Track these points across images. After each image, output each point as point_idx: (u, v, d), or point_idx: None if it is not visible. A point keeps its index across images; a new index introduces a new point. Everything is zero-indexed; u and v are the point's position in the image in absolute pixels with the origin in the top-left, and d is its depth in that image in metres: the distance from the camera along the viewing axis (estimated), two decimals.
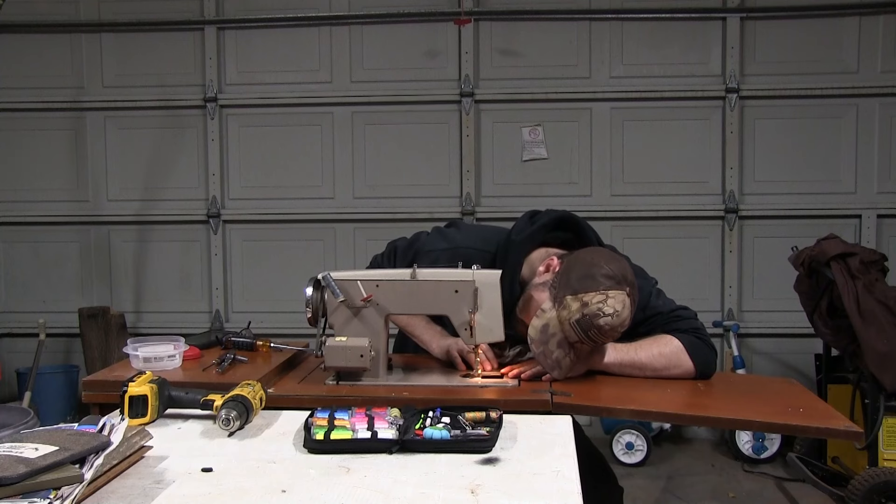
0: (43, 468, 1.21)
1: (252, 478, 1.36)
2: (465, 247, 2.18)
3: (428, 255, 2.18)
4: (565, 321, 1.93)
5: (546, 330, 1.96)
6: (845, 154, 4.62)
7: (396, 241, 2.33)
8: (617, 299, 1.91)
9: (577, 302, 1.92)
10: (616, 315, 1.91)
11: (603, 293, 1.91)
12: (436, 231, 2.32)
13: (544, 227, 2.16)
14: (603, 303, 1.91)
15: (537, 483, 1.33)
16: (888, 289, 3.44)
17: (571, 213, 2.21)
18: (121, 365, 2.08)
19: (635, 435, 4.24)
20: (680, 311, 2.15)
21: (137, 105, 4.88)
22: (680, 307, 2.17)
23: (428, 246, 2.23)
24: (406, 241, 2.31)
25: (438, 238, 2.26)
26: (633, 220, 4.68)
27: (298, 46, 4.81)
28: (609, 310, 1.90)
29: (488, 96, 4.71)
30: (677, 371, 2.04)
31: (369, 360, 1.90)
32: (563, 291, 1.95)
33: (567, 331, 1.94)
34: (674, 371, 2.04)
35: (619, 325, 1.92)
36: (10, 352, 5.02)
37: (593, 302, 1.91)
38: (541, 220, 2.17)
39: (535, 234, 2.15)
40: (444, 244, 2.21)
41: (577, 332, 1.92)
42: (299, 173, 4.84)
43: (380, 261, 2.31)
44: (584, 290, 1.92)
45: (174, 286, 4.96)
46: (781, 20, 4.61)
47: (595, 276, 1.93)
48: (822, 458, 3.80)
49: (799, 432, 2.85)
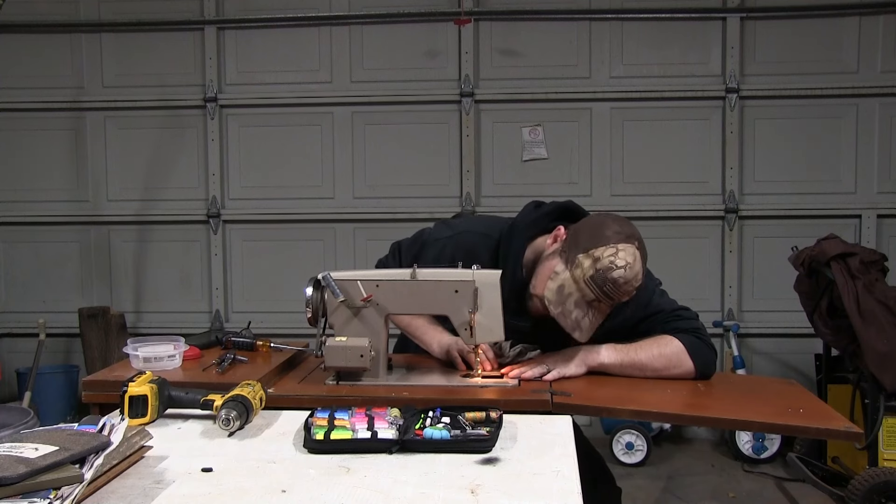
0: (43, 468, 1.21)
1: (252, 478, 1.36)
2: (469, 231, 2.21)
3: (435, 244, 2.20)
4: (580, 279, 1.95)
5: (562, 291, 1.97)
6: (845, 154, 4.62)
7: (399, 241, 2.32)
8: (627, 252, 1.95)
9: (589, 259, 1.95)
10: (629, 267, 1.93)
11: (613, 247, 1.95)
12: (440, 222, 2.34)
13: (548, 215, 2.18)
14: (614, 255, 1.93)
15: (537, 483, 1.33)
16: (888, 289, 3.44)
17: (575, 202, 2.24)
18: (121, 365, 2.08)
19: (635, 435, 4.24)
20: (681, 311, 2.16)
21: (137, 105, 4.88)
22: (681, 307, 2.17)
23: (434, 235, 2.24)
24: (409, 238, 2.31)
25: (443, 227, 2.28)
26: (633, 220, 4.63)
27: (298, 46, 4.81)
28: (621, 262, 1.93)
29: (488, 96, 4.71)
30: (678, 371, 2.05)
31: (369, 360, 1.90)
32: (574, 251, 1.98)
33: (583, 289, 1.95)
34: (674, 371, 2.05)
35: (632, 277, 1.94)
36: (10, 352, 5.02)
37: (605, 256, 1.94)
38: (546, 208, 2.20)
39: (539, 219, 2.16)
40: (449, 231, 2.23)
41: (592, 288, 1.94)
42: (299, 173, 4.84)
43: (385, 261, 2.30)
44: (595, 246, 1.95)
45: (174, 286, 4.96)
46: (781, 20, 4.61)
47: (603, 233, 1.98)
48: (822, 458, 3.80)
49: (799, 433, 2.85)
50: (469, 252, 2.11)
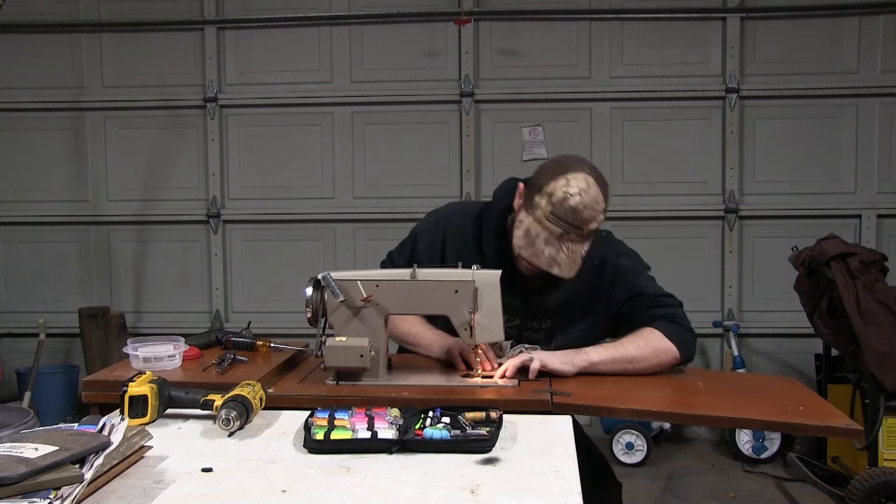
0: (43, 468, 1.21)
1: (252, 478, 1.36)
2: (453, 213, 2.28)
3: (424, 233, 2.26)
4: (542, 218, 2.00)
5: (529, 234, 2.01)
6: (845, 154, 4.62)
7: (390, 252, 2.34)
8: (578, 178, 1.99)
9: (544, 197, 1.99)
10: (584, 192, 1.97)
11: (563, 178, 1.99)
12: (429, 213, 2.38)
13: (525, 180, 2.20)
14: (566, 185, 1.97)
15: (537, 483, 1.33)
16: (888, 289, 3.44)
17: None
18: (121, 365, 2.08)
19: (635, 435, 4.24)
20: (663, 298, 2.15)
21: (137, 105, 4.88)
22: (665, 294, 2.17)
23: (422, 227, 2.30)
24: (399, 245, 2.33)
25: (429, 216, 2.34)
26: (633, 220, 4.68)
27: (298, 46, 4.81)
28: (574, 189, 1.97)
29: (488, 96, 4.71)
30: (665, 358, 2.05)
31: (369, 360, 1.90)
32: (531, 195, 2.03)
33: (547, 226, 1.99)
34: (662, 358, 2.05)
35: (591, 202, 1.97)
36: (10, 352, 5.02)
37: (557, 188, 1.98)
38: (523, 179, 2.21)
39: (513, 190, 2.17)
40: (434, 217, 2.30)
41: (556, 222, 1.98)
42: (299, 173, 4.84)
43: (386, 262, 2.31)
44: (546, 182, 2.00)
45: (174, 286, 4.96)
46: (781, 20, 4.61)
47: (552, 168, 2.03)
48: (822, 458, 3.80)
49: (799, 431, 2.86)
50: (454, 232, 2.20)
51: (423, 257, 2.19)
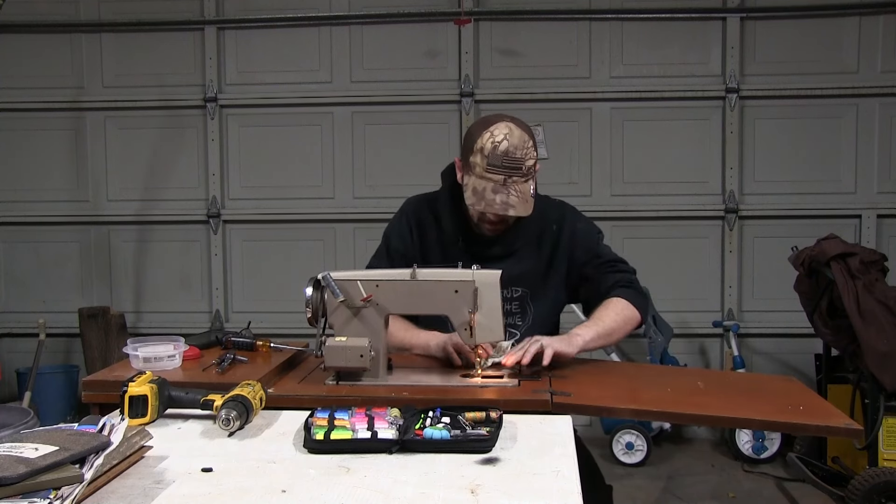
0: (43, 468, 1.21)
1: (252, 478, 1.36)
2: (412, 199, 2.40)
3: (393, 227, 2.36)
4: (481, 174, 2.08)
5: (476, 191, 2.09)
6: (845, 154, 4.62)
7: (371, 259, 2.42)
8: (499, 127, 2.08)
9: (476, 154, 2.09)
10: (509, 135, 2.06)
11: (486, 132, 2.08)
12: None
13: None
14: (490, 136, 2.07)
15: (537, 483, 1.33)
16: (888, 289, 3.44)
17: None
18: (121, 365, 2.08)
19: (635, 435, 4.24)
20: (619, 263, 2.32)
21: (137, 105, 4.88)
22: (620, 259, 2.35)
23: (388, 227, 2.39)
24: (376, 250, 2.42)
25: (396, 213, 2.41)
26: (633, 220, 4.68)
27: (298, 46, 4.81)
28: (500, 136, 2.06)
29: (488, 96, 4.71)
30: (632, 324, 2.21)
31: (369, 360, 1.90)
32: (466, 159, 2.14)
33: (489, 177, 2.07)
34: (630, 325, 2.21)
35: (520, 143, 2.06)
36: (10, 352, 5.02)
37: (485, 141, 2.07)
38: None
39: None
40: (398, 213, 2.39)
41: (494, 170, 2.06)
42: (299, 173, 4.84)
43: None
44: (474, 142, 2.10)
45: (174, 286, 4.96)
46: (781, 20, 4.61)
47: (475, 129, 2.13)
48: (822, 458, 3.80)
49: (799, 430, 2.86)
50: (415, 217, 2.32)
51: (396, 253, 2.30)
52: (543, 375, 2.00)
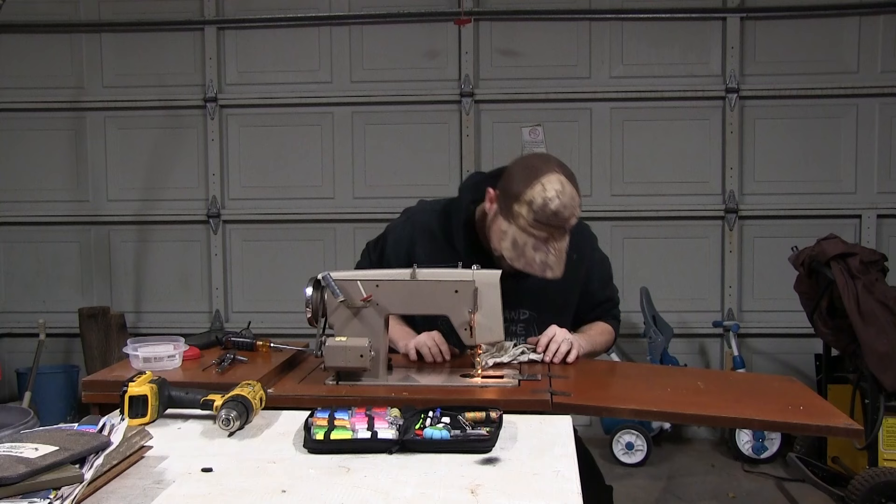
0: (43, 468, 1.21)
1: (252, 478, 1.36)
2: (421, 210, 2.35)
3: (394, 230, 2.34)
4: (525, 227, 2.04)
5: (516, 244, 2.06)
6: (845, 154, 4.62)
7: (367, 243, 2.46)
8: (552, 180, 2.03)
9: (524, 206, 2.02)
10: (561, 194, 2.02)
11: (538, 183, 2.02)
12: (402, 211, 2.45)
13: (487, 178, 2.25)
14: (542, 190, 2.01)
15: (537, 483, 1.33)
16: (888, 289, 3.44)
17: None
18: (121, 365, 2.08)
19: (635, 435, 4.23)
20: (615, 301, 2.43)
21: (137, 105, 4.88)
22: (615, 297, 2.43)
23: (392, 225, 2.38)
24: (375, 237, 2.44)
25: (402, 214, 2.41)
26: (633, 220, 4.68)
27: (298, 46, 4.81)
28: (552, 193, 2.01)
29: (488, 96, 4.71)
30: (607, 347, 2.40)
31: (369, 360, 1.90)
32: (508, 204, 2.06)
33: (532, 233, 2.04)
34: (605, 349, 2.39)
35: (569, 201, 2.03)
36: (10, 352, 5.02)
37: (535, 195, 2.01)
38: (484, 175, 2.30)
39: (479, 183, 2.23)
40: (405, 216, 2.37)
41: (540, 228, 2.03)
42: (299, 173, 4.84)
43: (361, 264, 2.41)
44: (523, 191, 2.03)
45: (174, 286, 4.96)
46: (781, 20, 4.61)
47: (525, 174, 2.05)
48: (822, 458, 3.80)
49: (799, 430, 2.86)
50: (423, 230, 2.26)
51: (392, 254, 2.30)
52: (543, 376, 2.00)
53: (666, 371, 2.99)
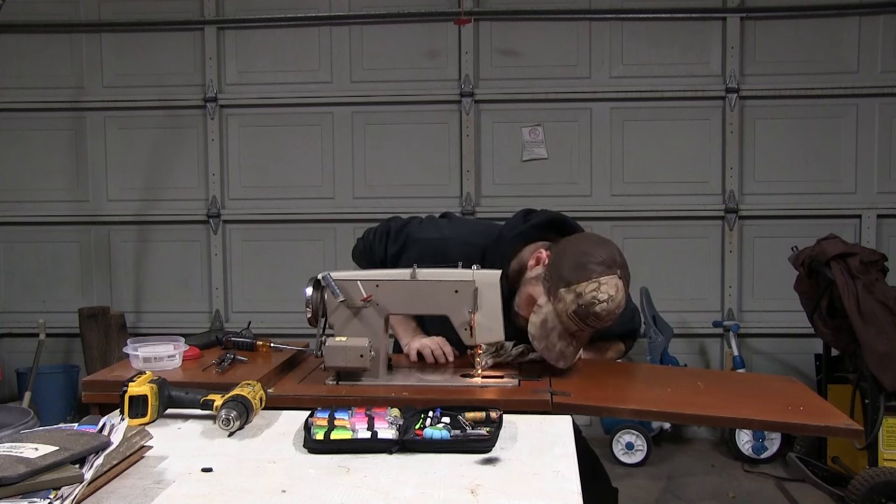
0: (43, 468, 1.21)
1: (252, 478, 1.36)
2: (454, 238, 2.21)
3: (416, 243, 2.22)
4: (563, 313, 1.97)
5: (545, 325, 1.99)
6: (845, 154, 4.62)
7: (390, 222, 2.33)
8: (609, 284, 1.95)
9: (572, 294, 1.95)
10: (611, 300, 1.95)
11: (595, 281, 1.94)
12: (429, 220, 2.35)
13: (537, 227, 2.17)
14: (597, 290, 1.94)
15: (537, 483, 1.33)
16: (888, 289, 3.44)
17: (565, 215, 2.22)
18: (121, 365, 2.08)
19: (635, 435, 4.23)
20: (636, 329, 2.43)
21: (137, 105, 4.88)
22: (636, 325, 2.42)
23: (418, 234, 2.26)
24: (400, 222, 2.32)
25: (430, 227, 2.29)
26: (633, 220, 4.68)
27: (298, 46, 4.81)
28: (603, 296, 1.94)
29: (488, 96, 4.71)
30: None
31: (369, 360, 1.90)
32: (557, 285, 1.98)
33: (566, 322, 1.98)
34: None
35: (615, 308, 1.96)
36: (10, 352, 5.02)
37: (587, 291, 1.94)
38: (534, 219, 2.19)
39: (527, 231, 2.16)
40: (435, 234, 2.25)
41: (575, 322, 1.97)
42: (299, 173, 4.84)
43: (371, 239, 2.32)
44: (577, 281, 1.95)
45: (174, 286, 4.96)
46: (781, 20, 4.61)
47: (585, 264, 1.96)
48: (822, 458, 3.80)
49: (799, 430, 2.86)
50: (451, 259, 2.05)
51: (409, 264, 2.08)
52: (543, 376, 2.00)
53: (666, 371, 3.00)
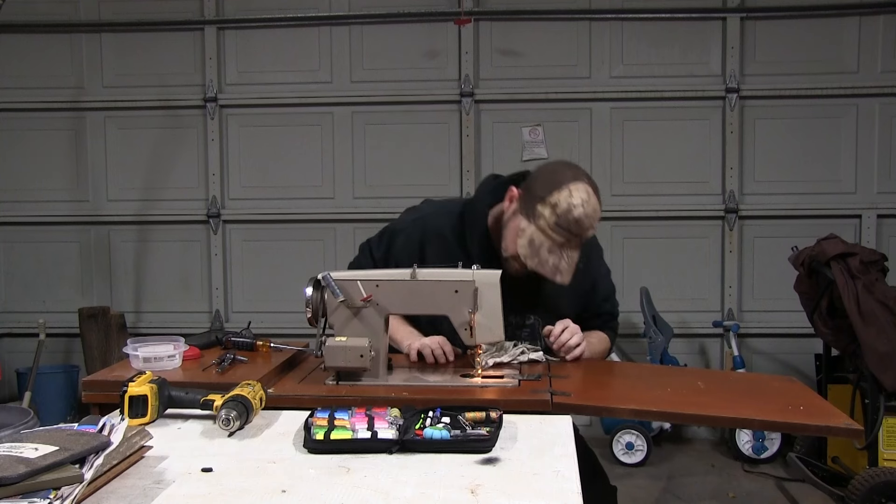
0: (43, 468, 1.21)
1: (252, 478, 1.36)
2: (432, 213, 2.33)
3: (402, 231, 2.31)
4: (545, 228, 2.06)
5: (533, 244, 2.08)
6: (845, 154, 4.62)
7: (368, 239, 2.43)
8: (580, 188, 2.06)
9: (548, 207, 2.05)
10: (586, 203, 2.05)
11: (566, 188, 2.05)
12: (406, 210, 2.44)
13: (505, 183, 2.26)
14: (570, 196, 2.04)
15: (537, 483, 1.33)
16: (888, 289, 3.44)
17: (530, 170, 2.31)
18: (121, 365, 2.08)
19: (635, 435, 4.23)
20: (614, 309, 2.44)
21: (137, 105, 4.88)
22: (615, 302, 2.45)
23: (400, 224, 2.35)
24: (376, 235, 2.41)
25: (408, 213, 2.39)
26: (633, 220, 4.68)
27: (298, 46, 4.81)
28: (577, 200, 2.04)
29: (488, 96, 4.71)
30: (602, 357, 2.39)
31: (369, 360, 1.90)
32: (532, 204, 2.09)
33: (551, 235, 2.06)
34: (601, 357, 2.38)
35: (592, 211, 2.06)
36: (10, 352, 5.02)
37: (562, 199, 2.04)
38: (503, 178, 2.30)
39: (497, 188, 2.26)
40: (415, 215, 2.35)
41: (559, 232, 2.06)
42: (299, 173, 4.84)
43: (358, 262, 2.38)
44: (549, 192, 2.06)
45: (174, 286, 4.96)
46: (781, 20, 4.61)
47: (553, 178, 2.09)
48: (822, 458, 3.80)
49: (799, 430, 2.86)
50: (435, 233, 2.25)
51: (400, 255, 2.25)
52: (543, 376, 2.00)
53: (666, 371, 3.00)
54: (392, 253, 2.29)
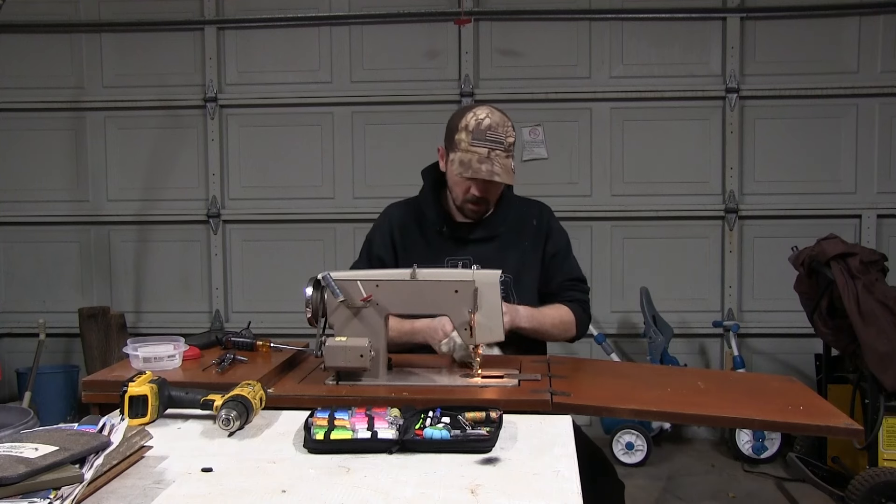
0: (43, 468, 1.21)
1: (252, 478, 1.36)
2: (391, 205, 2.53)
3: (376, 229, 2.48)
4: (467, 148, 2.23)
5: (463, 162, 2.24)
6: (845, 154, 4.62)
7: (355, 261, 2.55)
8: (481, 109, 2.27)
9: (461, 132, 2.24)
10: (491, 114, 2.24)
11: (470, 112, 2.27)
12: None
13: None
14: (474, 115, 2.24)
15: (537, 483, 1.33)
16: (888, 289, 3.43)
17: None
18: (121, 365, 2.08)
19: (635, 435, 4.24)
20: (578, 283, 2.47)
21: (137, 105, 4.88)
22: (583, 278, 2.49)
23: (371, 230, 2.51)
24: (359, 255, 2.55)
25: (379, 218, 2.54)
26: (633, 220, 4.68)
27: (298, 46, 4.81)
28: (482, 115, 2.24)
29: (488, 96, 4.70)
30: (565, 336, 2.39)
31: (369, 360, 1.90)
32: (451, 139, 2.29)
33: (474, 151, 2.22)
34: (563, 336, 2.39)
35: (501, 122, 2.24)
36: (10, 352, 5.02)
37: (467, 121, 2.24)
38: None
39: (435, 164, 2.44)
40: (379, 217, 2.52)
41: (479, 144, 2.22)
42: (299, 173, 4.84)
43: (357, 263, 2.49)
44: (458, 122, 2.27)
45: (174, 286, 4.96)
46: (781, 20, 4.61)
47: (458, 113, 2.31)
48: (822, 458, 3.80)
49: (799, 430, 2.86)
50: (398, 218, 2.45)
51: (381, 250, 2.42)
52: (543, 376, 2.00)
53: (666, 371, 2.99)
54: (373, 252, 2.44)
